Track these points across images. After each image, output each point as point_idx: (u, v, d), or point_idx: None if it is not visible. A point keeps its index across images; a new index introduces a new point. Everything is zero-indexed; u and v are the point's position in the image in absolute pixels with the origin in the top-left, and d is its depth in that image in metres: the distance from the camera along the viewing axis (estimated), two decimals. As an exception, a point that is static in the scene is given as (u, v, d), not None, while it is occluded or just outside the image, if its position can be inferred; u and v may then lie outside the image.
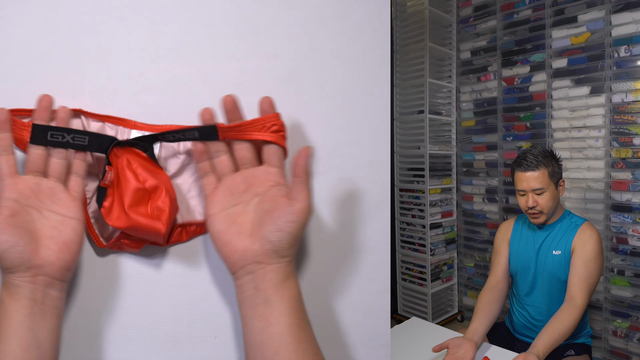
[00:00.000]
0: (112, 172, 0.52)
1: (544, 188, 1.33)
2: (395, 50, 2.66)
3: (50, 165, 0.50)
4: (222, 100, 0.54)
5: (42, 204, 0.48)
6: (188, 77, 0.58)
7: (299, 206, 0.49)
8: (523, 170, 1.35)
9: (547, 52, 2.19)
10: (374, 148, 0.62)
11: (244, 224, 0.51)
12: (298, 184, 0.50)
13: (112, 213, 0.51)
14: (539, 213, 1.35)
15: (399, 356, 1.20)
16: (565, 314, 1.24)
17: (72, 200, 0.50)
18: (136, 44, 0.56)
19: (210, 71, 0.58)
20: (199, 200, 0.57)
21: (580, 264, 1.30)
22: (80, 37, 0.55)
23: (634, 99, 1.91)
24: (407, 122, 2.64)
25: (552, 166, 1.35)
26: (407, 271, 2.70)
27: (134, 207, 0.51)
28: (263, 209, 0.52)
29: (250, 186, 0.53)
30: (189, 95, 0.57)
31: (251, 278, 0.49)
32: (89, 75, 0.55)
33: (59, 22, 0.55)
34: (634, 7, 1.87)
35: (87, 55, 0.55)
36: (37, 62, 0.55)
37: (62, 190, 0.50)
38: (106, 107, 0.56)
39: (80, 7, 0.55)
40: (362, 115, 0.62)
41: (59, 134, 0.50)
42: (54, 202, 0.49)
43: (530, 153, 1.37)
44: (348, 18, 0.62)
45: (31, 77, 0.54)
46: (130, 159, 0.53)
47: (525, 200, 1.36)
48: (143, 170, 0.53)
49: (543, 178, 1.33)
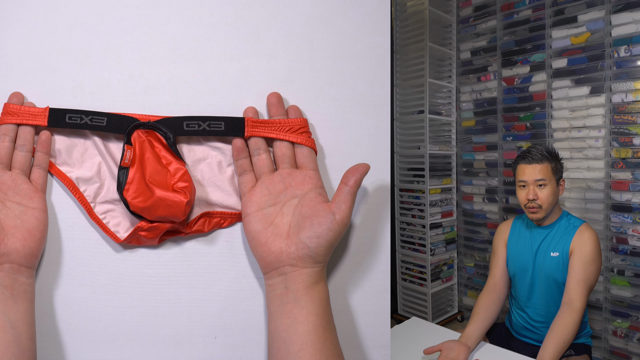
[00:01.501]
0: (132, 151, 0.53)
1: (546, 181, 1.34)
2: (395, 50, 2.66)
3: (14, 158, 0.51)
4: (267, 96, 0.55)
5: (4, 196, 0.50)
6: (188, 77, 0.58)
7: (340, 217, 0.50)
8: (527, 163, 1.36)
9: (547, 52, 2.19)
10: (374, 148, 0.62)
11: (281, 226, 0.52)
12: (345, 194, 0.50)
13: (134, 191, 0.51)
14: (538, 207, 1.35)
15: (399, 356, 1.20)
16: (567, 319, 1.22)
17: (34, 191, 0.52)
18: (136, 44, 0.57)
19: (210, 71, 0.58)
20: (220, 194, 0.57)
21: (578, 266, 1.30)
22: (80, 37, 0.55)
23: (634, 99, 1.90)
24: (407, 122, 2.64)
25: (555, 162, 1.37)
26: (407, 271, 2.70)
27: (156, 184, 0.52)
28: (302, 213, 0.52)
29: (289, 187, 0.54)
30: (189, 95, 0.57)
31: (283, 279, 0.50)
32: (89, 75, 0.55)
33: (59, 22, 0.55)
34: (634, 7, 1.87)
35: (87, 55, 0.56)
36: (37, 62, 0.55)
37: (24, 182, 0.51)
38: (106, 107, 0.56)
39: (80, 7, 0.56)
40: (362, 115, 0.62)
41: (77, 116, 0.52)
42: (16, 193, 0.50)
43: (535, 148, 1.39)
44: (348, 18, 0.62)
45: (31, 77, 0.55)
46: (153, 141, 0.54)
47: (525, 193, 1.36)
48: (166, 152, 0.54)
49: (546, 171, 1.34)
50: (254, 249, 0.52)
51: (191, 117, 0.54)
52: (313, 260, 0.50)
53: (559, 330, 1.20)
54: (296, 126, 0.56)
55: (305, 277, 0.50)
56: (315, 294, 0.50)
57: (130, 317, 0.56)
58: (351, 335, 0.61)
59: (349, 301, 0.61)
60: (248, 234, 0.53)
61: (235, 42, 0.59)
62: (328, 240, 0.50)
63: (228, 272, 0.58)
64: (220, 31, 0.59)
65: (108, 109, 0.55)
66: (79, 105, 0.55)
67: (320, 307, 0.50)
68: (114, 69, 0.56)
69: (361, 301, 0.61)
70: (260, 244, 0.51)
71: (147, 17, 0.57)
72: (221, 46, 0.58)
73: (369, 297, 0.61)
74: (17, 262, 0.48)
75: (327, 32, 0.61)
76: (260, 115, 0.58)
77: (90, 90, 0.55)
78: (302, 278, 0.50)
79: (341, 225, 0.50)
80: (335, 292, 0.61)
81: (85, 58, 0.55)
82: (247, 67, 0.59)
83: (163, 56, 0.57)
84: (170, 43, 0.57)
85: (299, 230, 0.51)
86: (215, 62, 0.58)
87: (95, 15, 0.56)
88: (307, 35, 0.61)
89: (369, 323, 0.61)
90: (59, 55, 0.55)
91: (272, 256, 0.51)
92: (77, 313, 0.55)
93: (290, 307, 0.49)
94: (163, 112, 0.57)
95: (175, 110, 0.57)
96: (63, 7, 0.55)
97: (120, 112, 0.55)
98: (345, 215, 0.50)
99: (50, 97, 0.55)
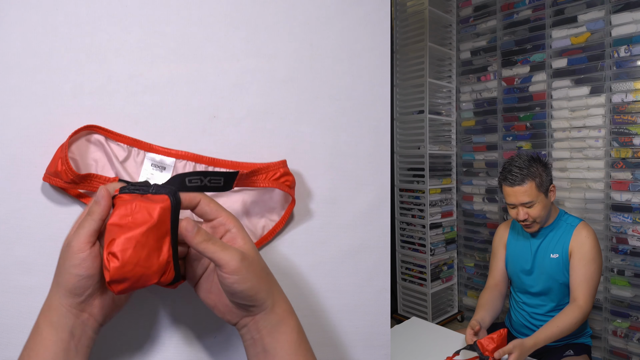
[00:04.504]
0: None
1: (533, 201, 1.30)
2: (395, 50, 2.66)
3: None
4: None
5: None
6: (188, 77, 0.58)
7: (220, 269, 0.45)
8: (510, 185, 1.32)
9: (547, 52, 2.19)
10: (374, 148, 0.62)
11: (217, 283, 0.49)
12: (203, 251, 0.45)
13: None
14: (532, 223, 1.35)
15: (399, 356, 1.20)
16: (568, 311, 1.26)
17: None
18: (136, 44, 0.56)
19: (210, 71, 0.58)
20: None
21: (580, 266, 1.30)
22: (80, 37, 0.55)
23: (634, 99, 1.90)
24: (407, 122, 2.64)
25: (539, 176, 1.30)
26: (407, 271, 2.70)
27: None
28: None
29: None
30: (189, 95, 0.57)
31: (246, 330, 0.48)
32: (89, 75, 0.55)
33: (59, 22, 0.55)
34: (634, 7, 1.87)
35: (87, 55, 0.55)
36: (37, 62, 0.55)
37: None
38: (106, 107, 0.56)
39: (80, 7, 0.56)
40: (362, 115, 0.62)
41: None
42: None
43: (515, 165, 1.31)
44: (348, 18, 0.62)
45: (31, 77, 0.54)
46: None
47: (515, 212, 1.34)
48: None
49: (531, 191, 1.29)
50: (215, 312, 0.50)
51: (193, 173, 0.49)
52: (247, 307, 0.47)
53: (557, 317, 1.25)
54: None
55: (263, 323, 0.47)
56: (282, 337, 0.47)
57: (130, 317, 0.56)
58: (351, 335, 0.61)
59: (349, 301, 0.61)
60: (202, 300, 0.50)
61: (235, 42, 0.59)
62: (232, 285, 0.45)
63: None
64: (220, 31, 0.59)
65: (108, 108, 0.55)
66: (79, 105, 0.55)
67: (290, 350, 0.47)
68: (114, 69, 0.56)
69: (361, 301, 0.61)
70: (213, 307, 0.49)
71: (147, 17, 0.57)
72: (221, 46, 0.58)
73: (369, 297, 0.61)
74: (95, 315, 0.46)
75: (327, 32, 0.61)
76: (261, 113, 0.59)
77: (90, 90, 0.55)
78: (261, 324, 0.47)
79: (229, 272, 0.45)
80: (335, 292, 0.61)
81: (85, 58, 0.55)
82: (247, 67, 0.59)
83: (163, 56, 0.57)
84: (170, 43, 0.57)
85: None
86: (215, 62, 0.58)
87: (95, 15, 0.56)
88: (307, 35, 0.61)
89: (369, 323, 0.61)
90: (59, 55, 0.55)
91: (227, 315, 0.49)
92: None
93: (262, 357, 0.47)
94: (163, 111, 0.57)
95: (175, 110, 0.57)
96: (63, 7, 0.55)
97: (128, 136, 0.54)
98: (220, 262, 0.44)
99: (50, 97, 0.55)
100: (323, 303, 0.60)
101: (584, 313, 1.25)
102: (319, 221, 0.60)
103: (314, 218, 0.60)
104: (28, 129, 0.54)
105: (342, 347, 0.60)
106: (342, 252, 0.61)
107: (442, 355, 1.15)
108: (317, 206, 0.60)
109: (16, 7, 0.54)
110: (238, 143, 0.58)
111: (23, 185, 0.54)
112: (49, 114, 0.55)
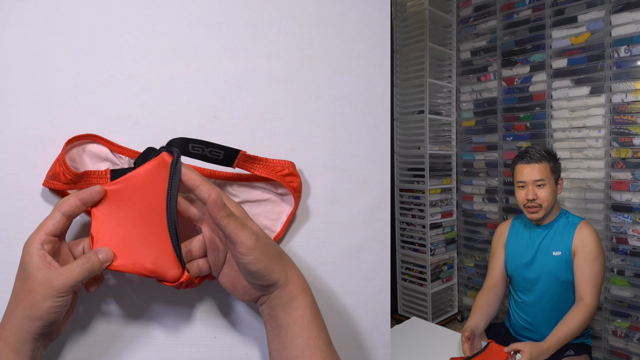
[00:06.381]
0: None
1: (545, 180, 1.35)
2: (395, 50, 2.66)
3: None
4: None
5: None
6: (188, 77, 0.58)
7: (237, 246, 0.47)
8: (526, 163, 1.37)
9: (547, 52, 2.19)
10: (374, 148, 0.62)
11: (235, 267, 0.51)
12: (224, 226, 0.46)
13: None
14: (538, 207, 1.36)
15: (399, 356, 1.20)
16: (576, 311, 1.27)
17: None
18: (136, 44, 0.56)
19: (210, 71, 0.58)
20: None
21: (584, 265, 1.32)
22: (80, 37, 0.55)
23: (634, 99, 1.91)
24: (407, 122, 2.64)
25: (553, 162, 1.38)
26: (407, 271, 2.70)
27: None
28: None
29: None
30: (189, 95, 0.57)
31: (264, 307, 0.51)
32: (89, 75, 0.55)
33: (59, 22, 0.55)
34: (634, 7, 1.87)
35: (87, 55, 0.55)
36: (37, 62, 0.55)
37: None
38: (106, 107, 0.56)
39: (80, 7, 0.56)
40: (362, 115, 0.62)
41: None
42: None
43: (533, 148, 1.40)
44: (348, 18, 0.62)
45: (31, 77, 0.54)
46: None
47: (525, 193, 1.37)
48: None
49: (545, 170, 1.36)
50: (235, 296, 0.52)
51: (196, 140, 0.51)
52: (263, 285, 0.49)
53: (566, 318, 1.26)
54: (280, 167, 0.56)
55: (278, 300, 0.49)
56: (295, 313, 0.49)
57: (130, 317, 0.56)
58: (351, 335, 0.61)
59: (349, 301, 0.61)
60: (222, 284, 0.52)
61: (235, 42, 0.59)
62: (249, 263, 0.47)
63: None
64: (220, 31, 0.59)
65: (108, 108, 0.55)
66: (79, 105, 0.55)
67: (303, 326, 0.49)
68: (114, 69, 0.56)
69: (361, 301, 0.61)
70: (233, 291, 0.51)
71: (147, 17, 0.57)
72: (221, 46, 0.58)
73: (369, 297, 0.61)
74: (52, 337, 0.48)
75: (327, 32, 0.61)
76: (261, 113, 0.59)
77: (90, 90, 0.55)
78: (276, 301, 0.49)
79: (246, 251, 0.46)
80: (335, 292, 0.61)
81: (85, 58, 0.55)
82: (247, 67, 0.59)
83: (163, 56, 0.57)
84: (170, 43, 0.57)
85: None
86: (215, 62, 0.58)
87: (95, 15, 0.56)
88: (307, 35, 0.61)
89: (369, 323, 0.61)
90: (59, 55, 0.55)
91: (246, 296, 0.50)
92: (77, 312, 0.55)
93: (277, 332, 0.49)
94: (163, 111, 0.57)
95: (175, 110, 0.57)
96: (63, 7, 0.55)
97: (124, 146, 0.54)
98: (237, 240, 0.46)
99: (50, 97, 0.55)
100: (323, 303, 0.60)
101: (591, 311, 1.26)
102: (319, 221, 0.60)
103: (314, 218, 0.60)
104: (28, 129, 0.54)
105: (342, 347, 0.60)
106: (342, 252, 0.61)
107: (442, 355, 1.15)
108: (317, 206, 0.60)
109: (16, 7, 0.54)
110: (238, 143, 0.58)
111: (23, 185, 0.54)
112: (49, 114, 0.55)
